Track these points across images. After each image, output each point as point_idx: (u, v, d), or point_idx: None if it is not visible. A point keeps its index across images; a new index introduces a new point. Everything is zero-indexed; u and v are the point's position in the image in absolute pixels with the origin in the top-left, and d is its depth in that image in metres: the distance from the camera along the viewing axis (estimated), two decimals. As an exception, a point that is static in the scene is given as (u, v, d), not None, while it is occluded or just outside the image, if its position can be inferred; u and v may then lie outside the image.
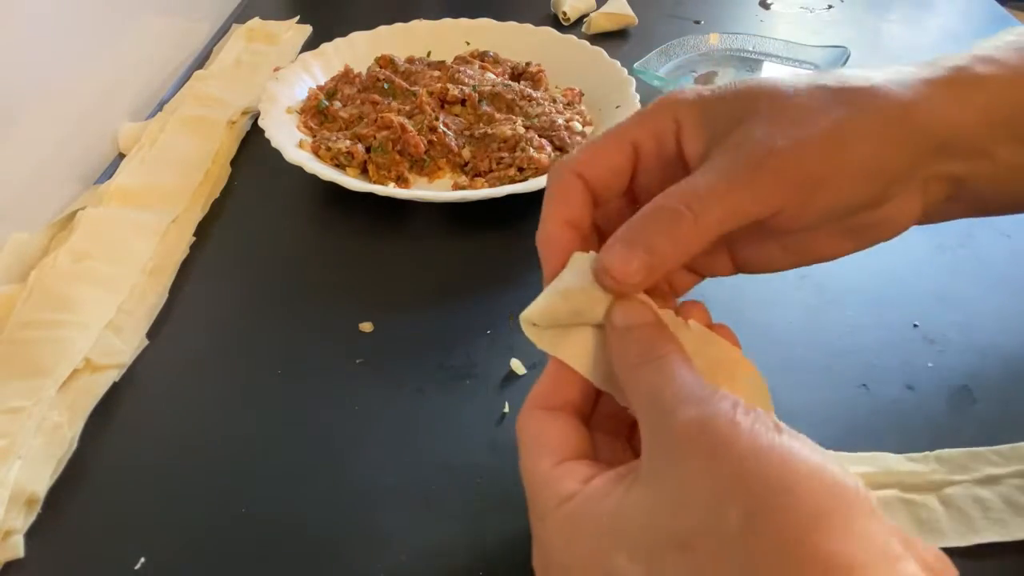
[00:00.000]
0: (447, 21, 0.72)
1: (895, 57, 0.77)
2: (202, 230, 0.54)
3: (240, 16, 0.82)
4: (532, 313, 0.29)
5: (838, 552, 0.19)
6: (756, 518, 0.20)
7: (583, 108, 0.63)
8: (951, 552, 0.30)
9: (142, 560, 0.35)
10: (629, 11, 0.80)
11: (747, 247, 0.31)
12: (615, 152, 0.30)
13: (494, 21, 0.72)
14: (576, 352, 0.29)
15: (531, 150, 0.55)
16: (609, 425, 0.30)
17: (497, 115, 0.60)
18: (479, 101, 0.61)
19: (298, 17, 0.81)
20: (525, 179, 0.54)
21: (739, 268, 0.33)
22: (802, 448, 0.21)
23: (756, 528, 0.20)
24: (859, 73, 0.29)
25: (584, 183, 0.30)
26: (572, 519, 0.24)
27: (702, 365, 0.27)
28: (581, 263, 0.29)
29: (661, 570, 0.21)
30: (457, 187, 0.57)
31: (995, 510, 0.35)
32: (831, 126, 0.27)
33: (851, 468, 0.28)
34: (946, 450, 0.38)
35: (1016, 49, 0.30)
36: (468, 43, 0.71)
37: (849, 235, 0.30)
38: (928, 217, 0.31)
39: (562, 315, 0.28)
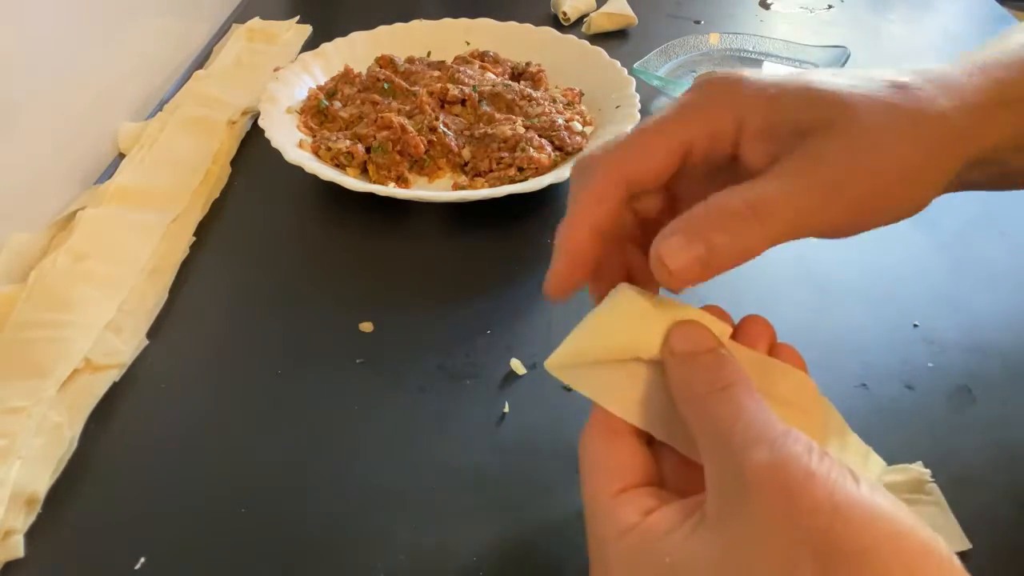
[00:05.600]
0: (447, 21, 0.72)
1: (895, 57, 0.77)
2: (202, 230, 0.54)
3: (240, 16, 0.83)
4: (563, 357, 0.28)
5: None
6: None
7: (583, 108, 0.63)
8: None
9: (142, 560, 0.35)
10: (629, 11, 0.80)
11: None
12: (664, 152, 0.28)
13: (494, 21, 0.72)
14: (621, 396, 0.27)
15: (531, 150, 0.55)
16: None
17: (497, 115, 0.60)
18: (479, 101, 0.61)
19: (298, 17, 0.81)
20: (525, 179, 0.54)
21: None
22: (885, 504, 0.20)
23: None
24: (926, 90, 0.28)
25: (624, 186, 0.28)
26: (632, 554, 0.23)
27: (765, 394, 0.26)
28: (626, 297, 0.28)
29: None
30: (457, 187, 0.57)
31: None
32: (904, 165, 0.27)
33: None
34: None
35: None
36: (468, 43, 0.71)
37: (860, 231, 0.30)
38: None
39: (598, 352, 0.27)
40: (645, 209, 0.31)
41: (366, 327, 0.46)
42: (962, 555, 0.34)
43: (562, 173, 0.54)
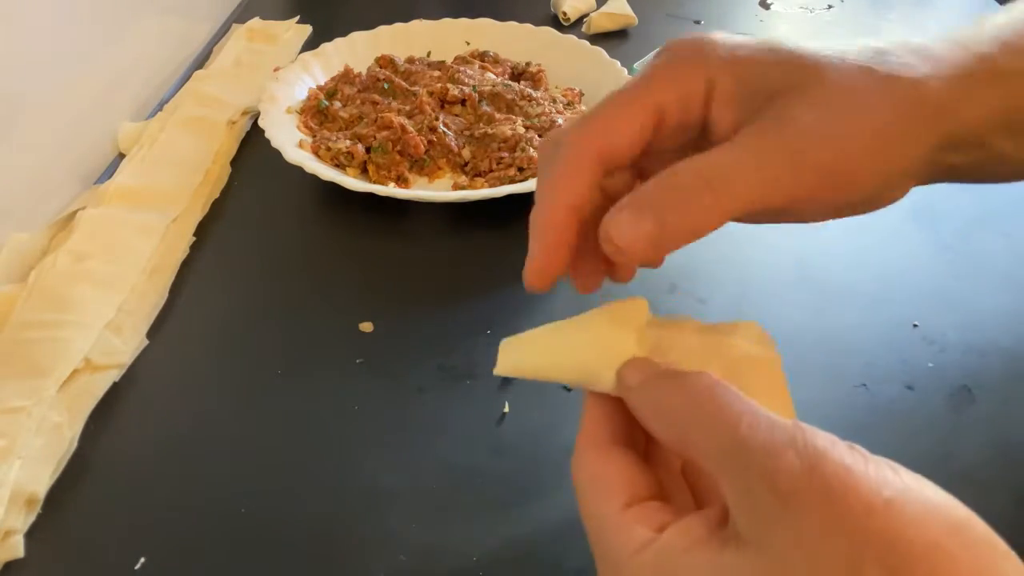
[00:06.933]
0: (447, 21, 0.72)
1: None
2: (202, 230, 0.54)
3: (240, 16, 0.82)
4: (513, 367, 0.28)
5: None
6: None
7: (583, 108, 0.63)
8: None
9: (142, 560, 0.35)
10: (629, 11, 0.80)
11: None
12: (637, 120, 0.26)
13: (494, 21, 0.72)
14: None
15: (531, 150, 0.55)
16: (654, 456, 0.27)
17: (497, 115, 0.60)
18: (479, 101, 0.61)
19: (298, 17, 0.81)
20: (525, 179, 0.54)
21: None
22: (933, 494, 0.19)
23: None
24: (902, 58, 0.27)
25: (599, 160, 0.26)
26: (653, 573, 0.22)
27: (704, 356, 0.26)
28: (586, 321, 0.27)
29: None
30: (457, 187, 0.57)
31: None
32: (875, 125, 0.26)
33: None
34: None
35: None
36: (468, 43, 0.71)
37: (838, 212, 0.29)
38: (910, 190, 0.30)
39: (550, 372, 0.27)
40: (615, 187, 0.29)
41: (366, 327, 0.46)
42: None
43: (562, 173, 0.54)
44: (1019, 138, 0.29)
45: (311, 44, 0.75)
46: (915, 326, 0.46)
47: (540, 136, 0.57)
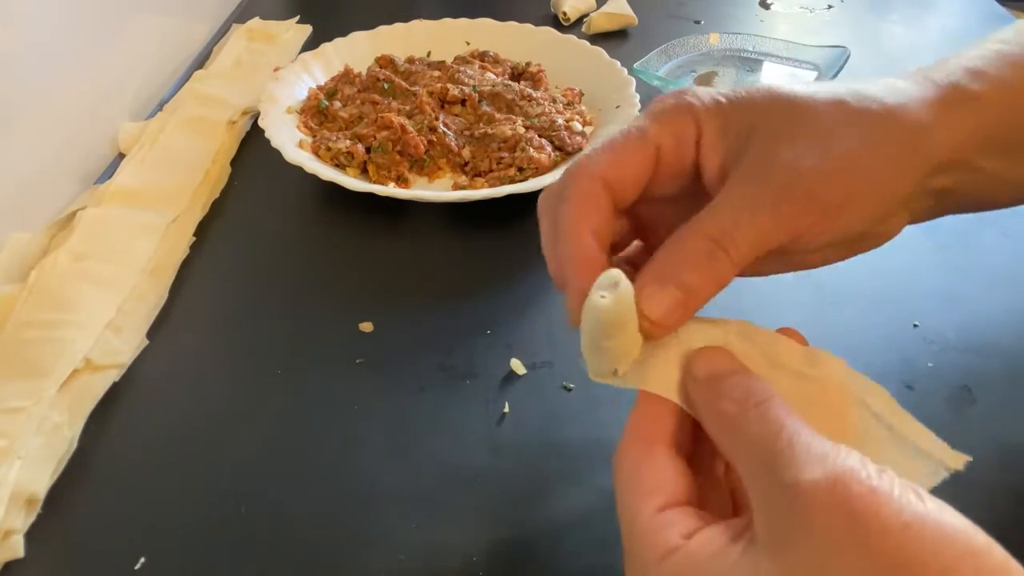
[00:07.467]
0: (447, 21, 0.72)
1: (895, 57, 0.77)
2: (202, 230, 0.54)
3: (240, 16, 0.82)
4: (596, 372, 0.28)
5: None
6: None
7: (583, 108, 0.63)
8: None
9: (142, 560, 0.35)
10: (629, 11, 0.80)
11: None
12: (640, 154, 0.28)
13: (494, 21, 0.72)
14: (662, 379, 0.27)
15: (531, 150, 0.55)
16: (698, 460, 0.28)
17: (497, 115, 0.60)
18: (479, 101, 0.61)
19: (298, 17, 0.81)
20: (525, 179, 0.54)
21: None
22: (955, 521, 0.19)
23: None
24: (873, 91, 0.29)
25: (608, 190, 0.28)
26: None
27: (788, 384, 0.26)
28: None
29: None
30: (457, 187, 0.57)
31: None
32: (852, 151, 0.27)
33: None
34: None
35: (1003, 59, 0.30)
36: (468, 43, 0.71)
37: (842, 247, 0.31)
38: (912, 221, 0.32)
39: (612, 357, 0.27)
40: (617, 237, 0.31)
41: (366, 327, 0.46)
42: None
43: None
44: (1009, 157, 0.30)
45: (311, 44, 0.75)
46: (915, 326, 0.46)
47: (540, 136, 0.57)
